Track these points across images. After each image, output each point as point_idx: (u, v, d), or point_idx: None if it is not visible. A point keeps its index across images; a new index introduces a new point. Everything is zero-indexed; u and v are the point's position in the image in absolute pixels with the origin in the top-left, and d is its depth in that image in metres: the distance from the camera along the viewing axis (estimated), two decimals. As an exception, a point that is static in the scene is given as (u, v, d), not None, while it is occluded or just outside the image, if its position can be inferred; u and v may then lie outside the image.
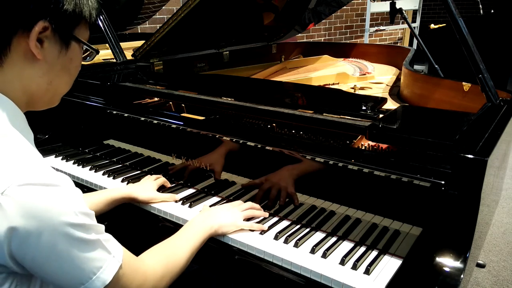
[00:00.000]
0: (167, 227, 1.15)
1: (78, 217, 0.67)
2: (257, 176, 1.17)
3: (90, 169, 1.44)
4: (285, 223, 1.08)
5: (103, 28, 1.94)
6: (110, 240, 0.74)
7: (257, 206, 1.12)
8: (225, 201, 1.20)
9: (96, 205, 1.13)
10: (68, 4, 0.72)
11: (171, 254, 0.90)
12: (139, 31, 3.38)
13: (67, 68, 0.78)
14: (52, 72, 0.75)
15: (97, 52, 0.84)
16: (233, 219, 1.04)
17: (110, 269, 0.71)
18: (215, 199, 1.23)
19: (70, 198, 0.67)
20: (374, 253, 0.95)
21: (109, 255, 0.72)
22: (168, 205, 1.19)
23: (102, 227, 0.73)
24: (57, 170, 1.46)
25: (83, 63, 0.83)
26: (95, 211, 1.09)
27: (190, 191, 1.28)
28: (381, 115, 1.09)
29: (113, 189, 1.22)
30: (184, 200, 1.21)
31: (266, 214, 1.11)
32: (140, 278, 0.79)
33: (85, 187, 1.37)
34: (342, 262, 0.92)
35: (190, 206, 1.18)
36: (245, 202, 1.16)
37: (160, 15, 3.38)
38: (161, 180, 1.29)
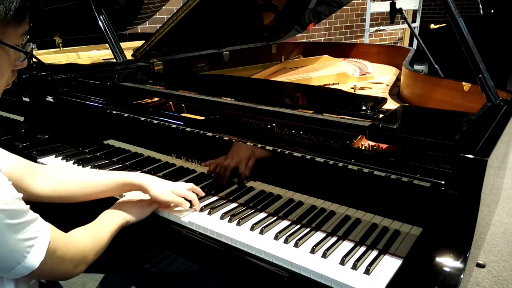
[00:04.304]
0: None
1: (8, 204, 0.72)
2: (255, 175, 1.17)
3: (90, 169, 1.44)
4: (285, 223, 1.08)
5: (103, 28, 1.95)
6: (37, 219, 0.80)
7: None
8: (225, 200, 1.20)
9: (104, 185, 1.14)
10: None
11: (96, 232, 0.99)
12: (139, 31, 3.38)
13: None
14: None
15: (26, 53, 0.83)
16: (140, 210, 1.13)
17: (42, 246, 0.79)
18: (214, 198, 1.23)
19: None
20: (374, 253, 0.95)
21: (38, 233, 0.79)
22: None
23: (27, 208, 0.79)
24: (57, 170, 1.46)
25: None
26: (102, 190, 1.14)
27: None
28: (381, 115, 1.09)
29: (128, 173, 1.17)
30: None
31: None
32: (73, 250, 0.88)
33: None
34: (342, 262, 0.92)
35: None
36: (245, 201, 1.17)
37: (160, 15, 3.38)
38: (190, 185, 1.18)
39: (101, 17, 1.96)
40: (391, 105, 1.53)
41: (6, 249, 0.74)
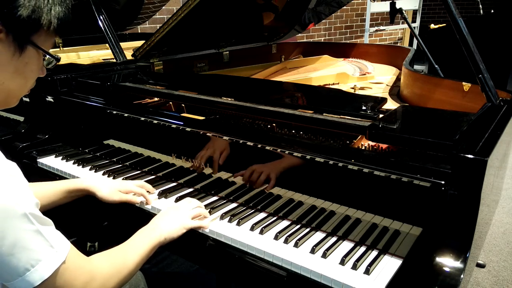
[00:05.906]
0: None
1: (21, 206, 0.67)
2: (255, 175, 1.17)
3: (90, 169, 1.44)
4: (285, 223, 1.08)
5: (103, 28, 1.95)
6: (55, 234, 0.73)
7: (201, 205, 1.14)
8: (225, 200, 1.20)
9: (53, 195, 1.15)
10: (24, 10, 0.74)
11: (120, 257, 0.89)
12: (139, 31, 3.38)
13: (21, 71, 0.80)
14: (4, 73, 0.77)
15: (57, 59, 0.86)
16: (181, 222, 1.04)
17: (50, 263, 0.71)
18: (214, 198, 1.23)
19: (15, 186, 0.68)
20: (374, 253, 0.95)
21: (50, 248, 0.71)
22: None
23: (47, 220, 0.73)
24: (57, 170, 1.47)
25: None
26: (52, 201, 1.13)
27: (188, 190, 1.28)
28: (381, 115, 1.09)
29: (74, 180, 1.21)
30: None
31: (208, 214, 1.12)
32: (85, 276, 0.78)
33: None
34: (342, 262, 0.92)
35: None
36: (245, 201, 1.17)
37: (160, 15, 3.38)
38: (140, 183, 1.24)
39: (101, 17, 1.96)
40: (391, 105, 1.53)
41: (8, 254, 0.67)
